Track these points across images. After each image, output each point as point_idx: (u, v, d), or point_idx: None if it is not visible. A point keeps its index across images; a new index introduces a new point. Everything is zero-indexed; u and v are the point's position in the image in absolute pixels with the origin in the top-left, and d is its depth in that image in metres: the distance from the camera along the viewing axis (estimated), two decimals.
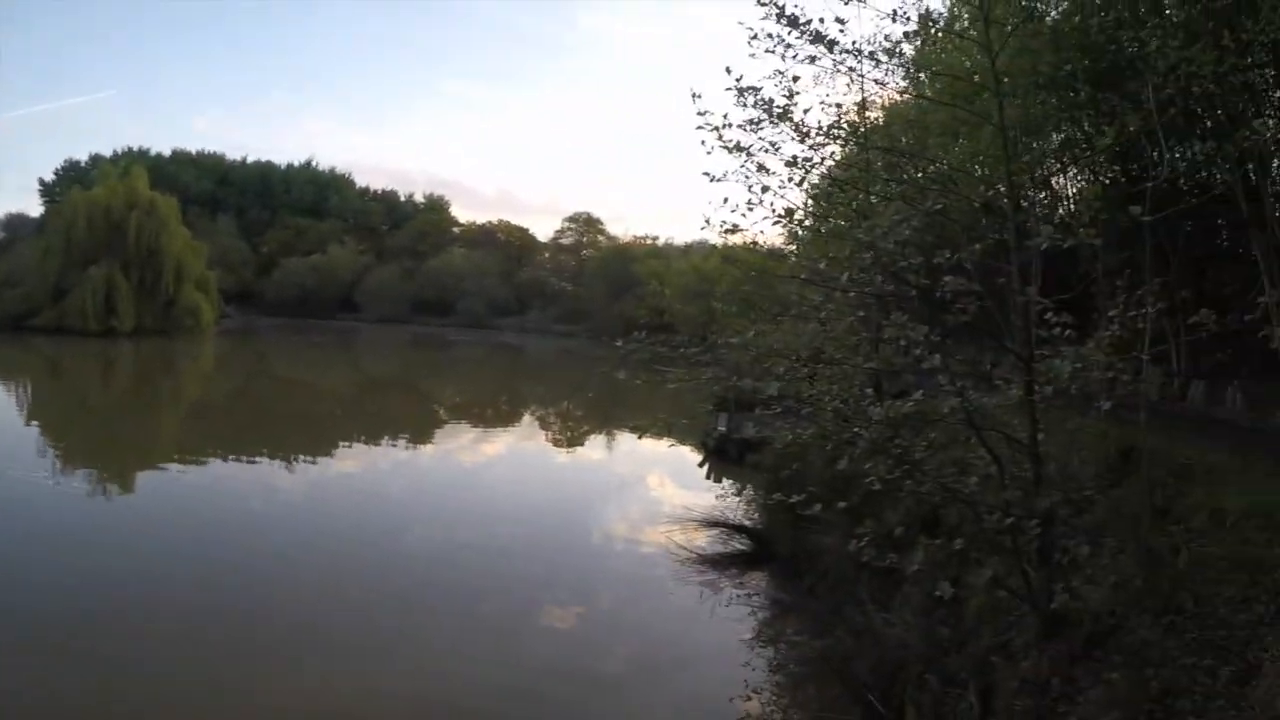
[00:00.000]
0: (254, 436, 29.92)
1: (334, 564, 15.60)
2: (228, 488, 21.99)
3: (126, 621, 12.54)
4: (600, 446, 30.22)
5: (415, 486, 23.14)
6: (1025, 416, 7.80)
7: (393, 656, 11.70)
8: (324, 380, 51.31)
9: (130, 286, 64.69)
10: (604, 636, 12.75)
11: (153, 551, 15.99)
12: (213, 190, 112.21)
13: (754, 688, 10.52)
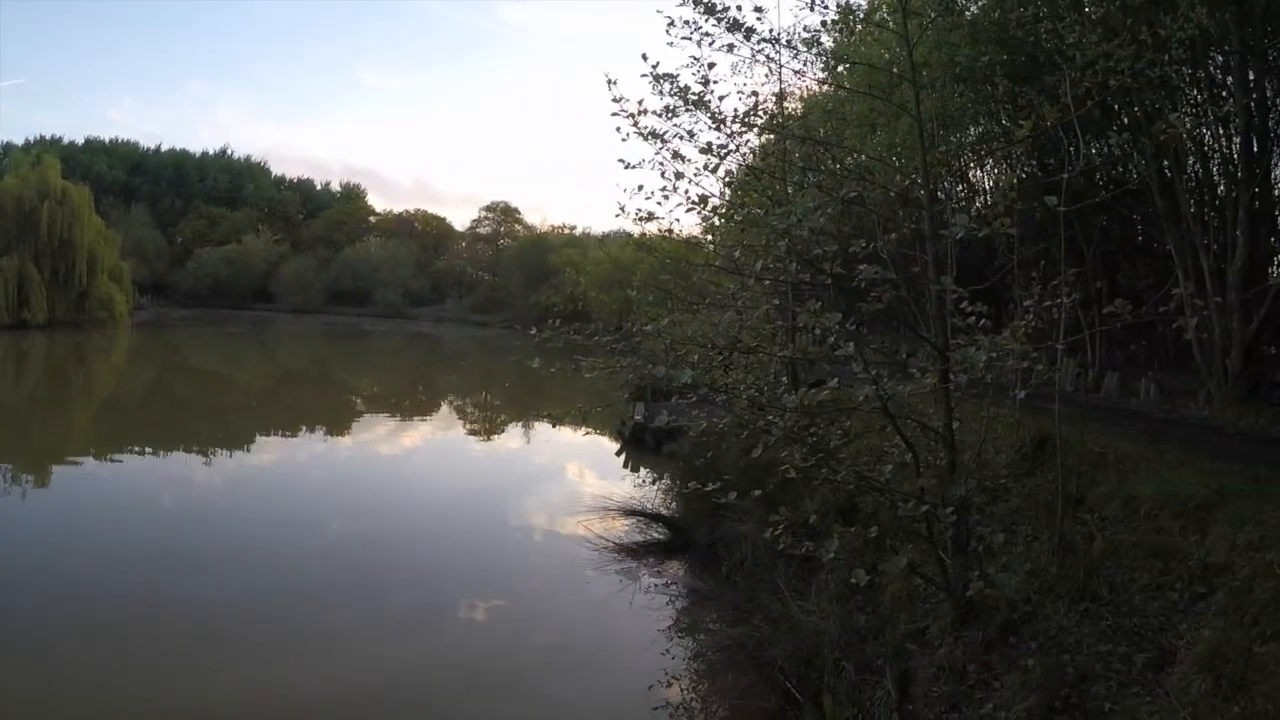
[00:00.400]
0: (169, 430, 29.36)
1: (246, 558, 15.30)
2: (142, 482, 21.55)
3: (32, 617, 12.26)
4: (518, 436, 30.10)
5: (333, 478, 22.80)
6: (940, 405, 7.86)
7: (300, 652, 11.54)
8: (239, 372, 50.49)
9: (42, 278, 63.23)
10: (522, 628, 12.57)
11: (62, 547, 15.64)
12: (126, 179, 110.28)
13: (673, 675, 10.49)
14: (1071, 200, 8.11)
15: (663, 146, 10.44)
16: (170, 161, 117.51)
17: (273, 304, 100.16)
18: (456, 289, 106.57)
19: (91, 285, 66.33)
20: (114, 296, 68.12)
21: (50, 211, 64.24)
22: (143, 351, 60.58)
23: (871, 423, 9.09)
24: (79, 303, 65.68)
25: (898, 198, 10.65)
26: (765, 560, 11.62)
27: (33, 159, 71.77)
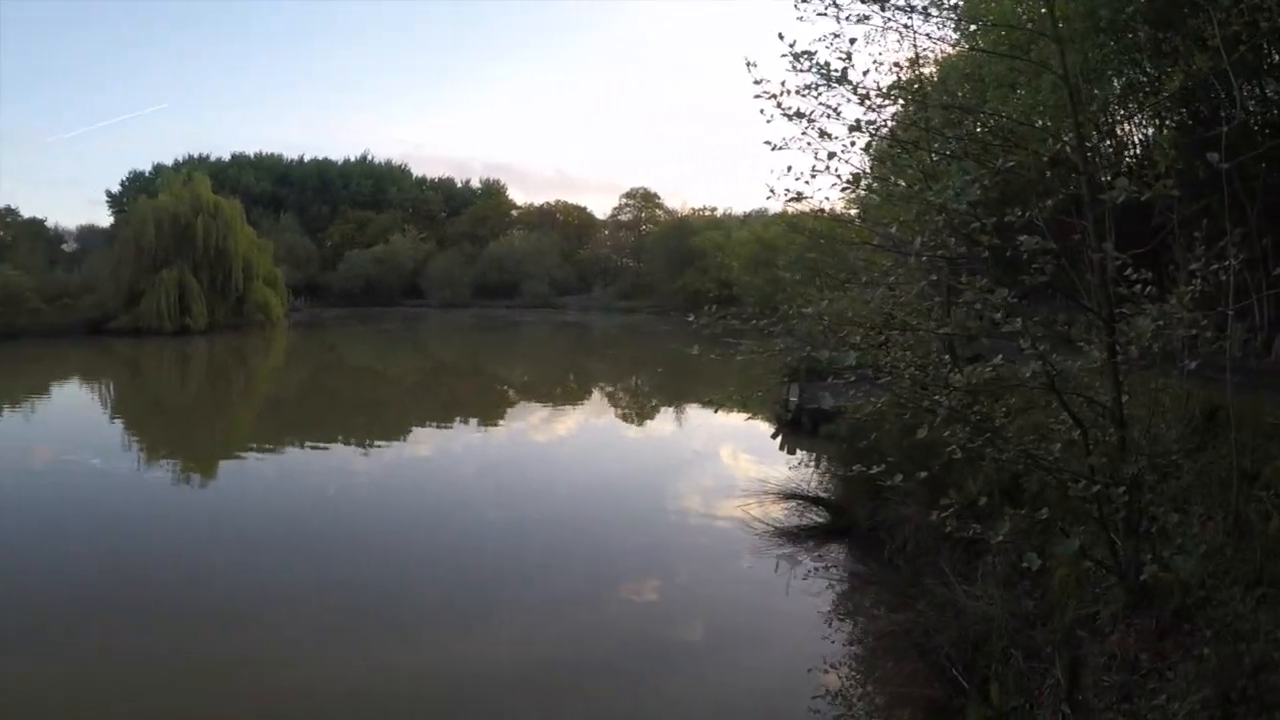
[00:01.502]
0: (328, 424, 30.52)
1: (410, 545, 15.86)
2: (303, 475, 22.45)
3: (210, 600, 13.02)
4: (671, 421, 30.05)
5: (487, 466, 23.15)
6: (1108, 379, 7.50)
7: (470, 632, 11.87)
8: (392, 367, 51.93)
9: (201, 286, 66.73)
10: (678, 611, 12.60)
11: (232, 536, 16.53)
12: (273, 190, 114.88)
13: (832, 661, 10.31)
14: (1230, 153, 7.63)
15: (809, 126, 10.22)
16: (314, 170, 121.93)
17: (422, 300, 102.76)
18: (602, 277, 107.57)
19: (248, 291, 69.78)
20: (270, 300, 71.42)
21: (204, 224, 68.07)
22: (299, 351, 63.06)
23: (1034, 399, 8.75)
24: (237, 307, 69.22)
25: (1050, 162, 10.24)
26: (929, 543, 11.32)
27: (184, 177, 75.80)
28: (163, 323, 64.69)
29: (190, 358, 55.46)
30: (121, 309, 67.28)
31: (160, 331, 63.90)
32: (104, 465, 23.81)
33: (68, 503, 19.48)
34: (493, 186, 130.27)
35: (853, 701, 9.67)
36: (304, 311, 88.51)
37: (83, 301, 70.06)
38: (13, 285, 67.35)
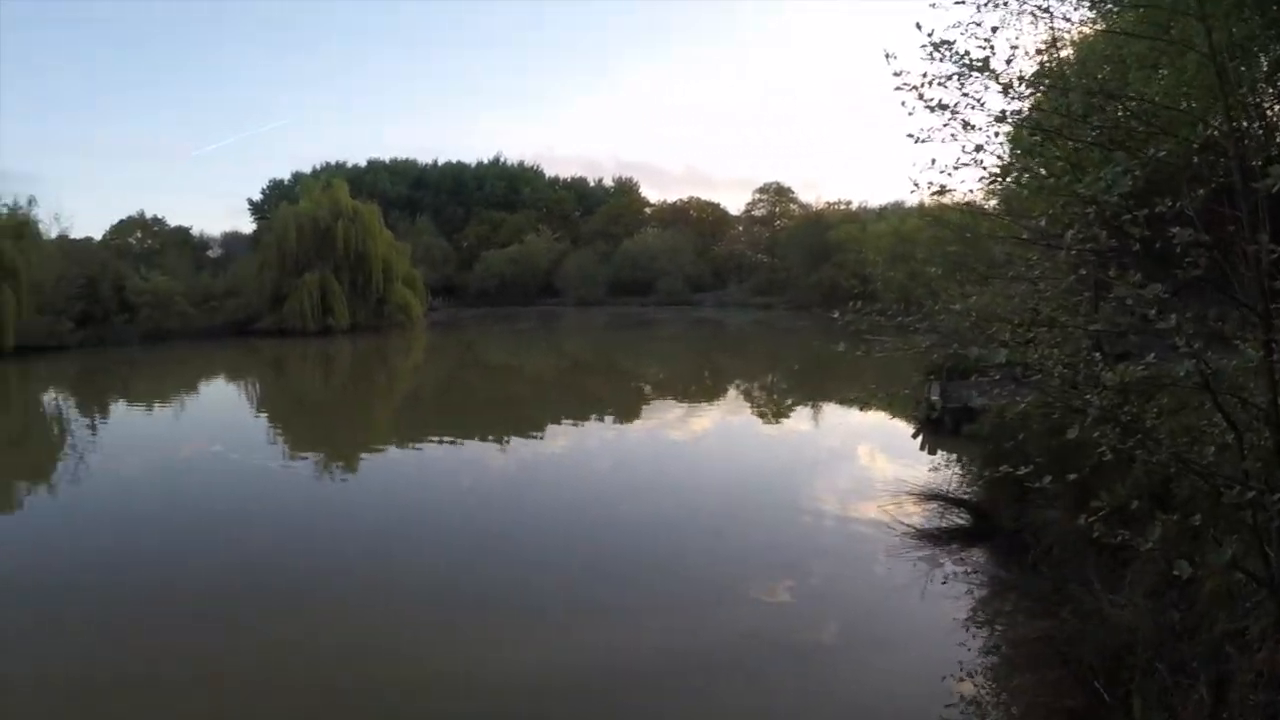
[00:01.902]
0: (465, 420, 31.33)
1: (544, 539, 16.13)
2: (441, 469, 23.10)
3: (346, 589, 13.71)
4: (807, 419, 29.69)
5: (623, 463, 23.38)
6: (1263, 379, 7.09)
7: (602, 626, 11.99)
8: (529, 364, 52.74)
9: (343, 288, 69.34)
10: (811, 611, 12.43)
11: (370, 528, 17.24)
12: (409, 194, 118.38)
13: (968, 668, 10.04)
14: None
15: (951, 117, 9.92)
16: (448, 173, 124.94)
17: (558, 299, 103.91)
18: (736, 273, 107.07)
19: (388, 292, 72.26)
20: (409, 301, 73.95)
21: (344, 229, 71.15)
22: (438, 349, 64.84)
23: (1186, 399, 8.34)
24: (378, 308, 71.81)
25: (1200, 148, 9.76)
26: (1074, 549, 10.86)
27: (323, 183, 79.51)
28: (306, 323, 67.47)
29: (332, 357, 57.72)
30: (266, 311, 70.49)
31: (304, 332, 66.74)
32: (246, 459, 25.02)
33: (214, 496, 20.54)
34: (625, 185, 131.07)
35: (987, 710, 9.41)
36: (442, 311, 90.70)
37: (228, 304, 73.48)
38: (162, 290, 70.75)
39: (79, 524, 18.92)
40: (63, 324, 64.36)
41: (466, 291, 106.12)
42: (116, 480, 23.40)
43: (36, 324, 62.03)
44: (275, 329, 68.97)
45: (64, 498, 21.77)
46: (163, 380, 49.71)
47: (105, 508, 20.36)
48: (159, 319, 70.19)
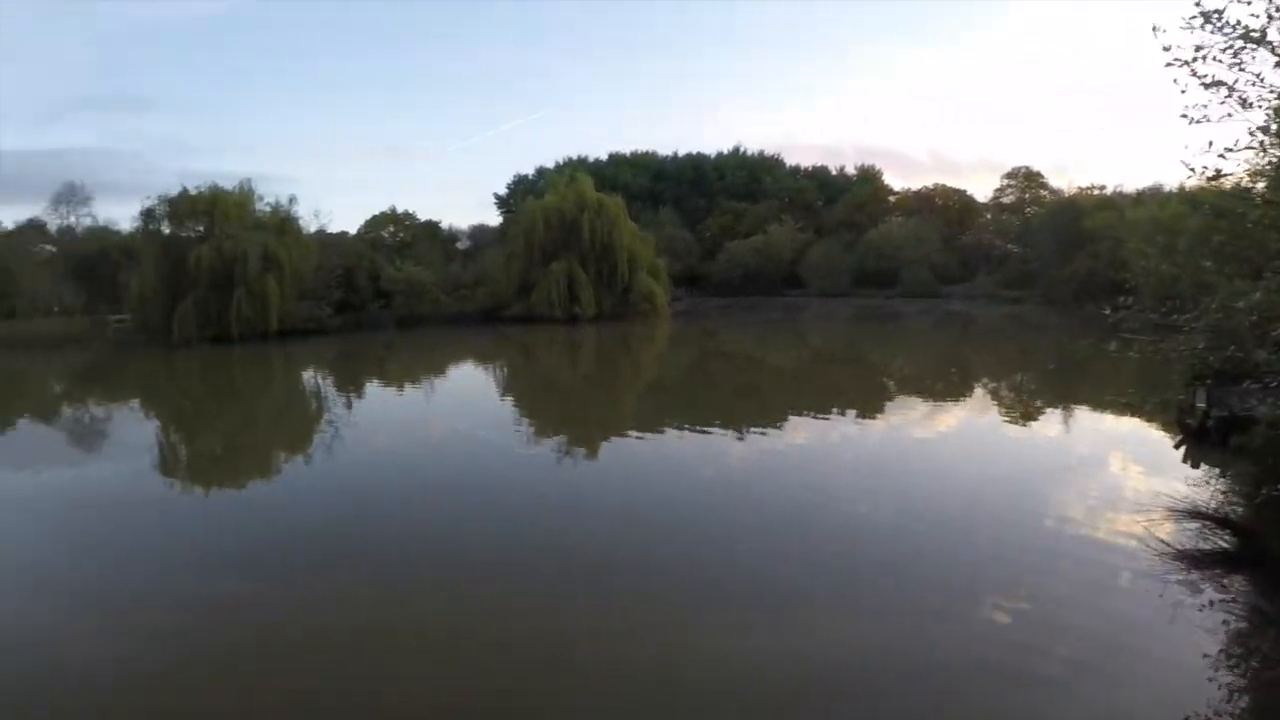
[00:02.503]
0: (707, 408, 32.08)
1: (778, 530, 16.30)
2: (681, 456, 23.58)
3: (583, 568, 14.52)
4: (1056, 422, 28.40)
5: (863, 460, 23.10)
6: None
7: (814, 625, 11.99)
8: (771, 355, 53.03)
9: (589, 278, 71.70)
10: (1043, 631, 11.68)
11: (610, 510, 18.11)
12: (651, 186, 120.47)
13: (1215, 709, 9.41)
14: None
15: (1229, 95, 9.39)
16: (688, 165, 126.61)
17: (801, 289, 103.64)
18: (985, 264, 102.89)
19: (633, 281, 74.91)
20: (654, 290, 76.27)
21: (590, 220, 74.51)
22: (681, 338, 65.45)
23: None
24: (623, 297, 74.50)
25: None
26: None
27: (567, 178, 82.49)
28: (553, 311, 70.82)
29: (578, 343, 60.07)
30: (514, 299, 74.43)
31: (551, 319, 69.81)
32: (492, 440, 26.76)
33: (460, 472, 22.32)
34: (868, 173, 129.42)
35: None
36: (685, 301, 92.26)
37: (478, 293, 78.07)
38: (415, 279, 75.71)
39: (329, 493, 20.85)
40: (322, 309, 70.56)
41: (709, 282, 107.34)
42: (368, 454, 25.46)
43: (298, 309, 68.80)
44: (522, 316, 72.14)
45: (318, 468, 23.90)
46: (414, 363, 53.14)
47: (355, 478, 22.28)
48: (412, 306, 75.45)
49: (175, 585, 14.51)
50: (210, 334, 67.12)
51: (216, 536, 17.54)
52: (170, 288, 69.66)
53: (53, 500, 21.88)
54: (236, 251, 68.16)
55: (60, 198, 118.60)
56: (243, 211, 72.14)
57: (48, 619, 13.28)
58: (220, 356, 60.03)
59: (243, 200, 73.04)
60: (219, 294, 68.32)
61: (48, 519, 19.85)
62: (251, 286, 67.94)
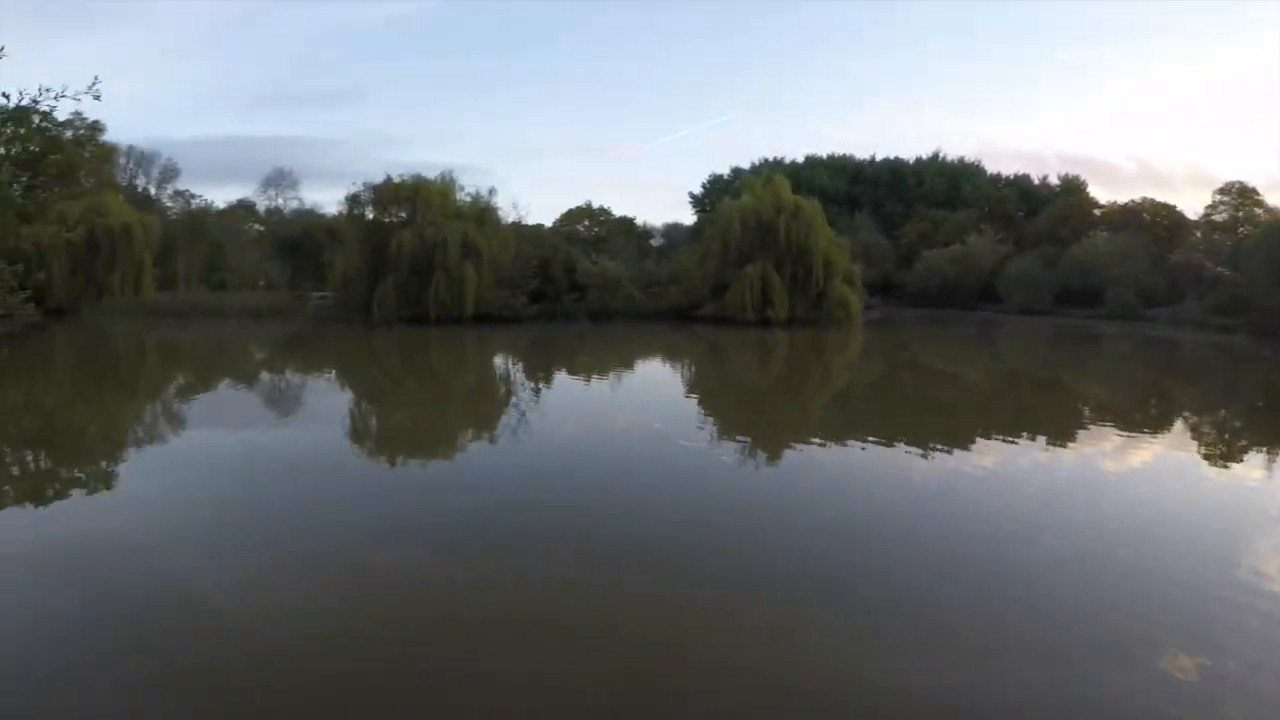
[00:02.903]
0: (892, 423, 31.95)
1: (951, 556, 16.16)
2: (861, 470, 23.70)
3: (757, 577, 14.70)
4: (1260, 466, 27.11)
5: (1050, 489, 22.39)
6: None
7: (973, 668, 11.55)
8: (964, 372, 52.46)
9: (783, 281, 72.26)
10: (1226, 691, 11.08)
11: (781, 519, 18.44)
12: (847, 190, 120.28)
13: None
14: None
15: None
16: (886, 170, 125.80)
17: (999, 304, 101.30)
18: (1194, 287, 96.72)
19: (828, 287, 75.31)
20: (848, 297, 76.80)
21: (786, 223, 75.46)
22: (873, 348, 64.89)
23: None
24: (817, 302, 75.39)
25: None
26: None
27: (764, 179, 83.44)
28: (745, 313, 71.75)
29: (769, 347, 60.80)
30: (707, 298, 75.89)
31: (743, 321, 70.90)
32: (674, 436, 27.59)
33: (639, 466, 23.37)
34: (1072, 183, 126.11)
35: None
36: (879, 310, 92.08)
37: (671, 290, 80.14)
38: (609, 274, 78.23)
39: (510, 477, 22.00)
40: (518, 298, 74.18)
41: (904, 291, 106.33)
42: (551, 442, 26.63)
43: (494, 297, 72.55)
44: (714, 317, 73.34)
45: (502, 451, 25.23)
46: (604, 355, 55.15)
47: (537, 464, 23.34)
48: (606, 300, 78.03)
49: (350, 553, 15.58)
50: (408, 315, 71.98)
51: (397, 510, 18.82)
52: (371, 269, 74.81)
53: (243, 461, 23.97)
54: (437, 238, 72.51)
55: (269, 181, 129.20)
56: (444, 200, 76.49)
57: (221, 576, 14.42)
58: (416, 337, 64.04)
59: (445, 190, 77.34)
60: (418, 278, 72.83)
61: (237, 479, 21.76)
62: (450, 272, 72.07)
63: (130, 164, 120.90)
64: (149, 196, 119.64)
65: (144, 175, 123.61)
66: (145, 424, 31.65)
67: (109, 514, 18.78)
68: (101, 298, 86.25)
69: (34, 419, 32.09)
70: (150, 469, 23.39)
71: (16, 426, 30.36)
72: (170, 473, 22.72)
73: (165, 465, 23.83)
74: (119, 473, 22.97)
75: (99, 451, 26.37)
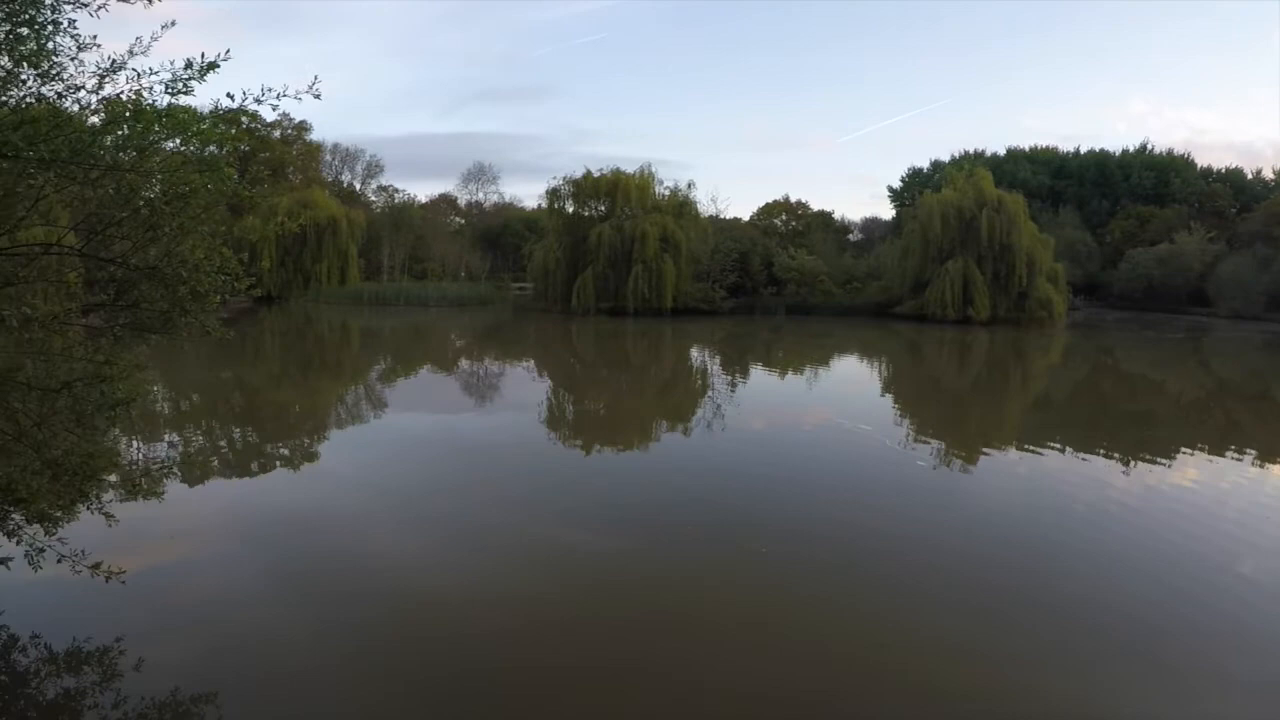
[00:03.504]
0: (1092, 432, 31.33)
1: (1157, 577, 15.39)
2: (1056, 480, 23.22)
3: (938, 585, 14.52)
4: None
5: (1254, 510, 20.89)
6: None
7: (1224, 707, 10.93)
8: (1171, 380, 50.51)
9: (984, 279, 71.27)
10: None
11: (967, 528, 18.22)
12: (1050, 184, 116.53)
13: None
14: None
15: None
16: (1091, 163, 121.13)
17: (1208, 308, 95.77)
18: None
19: (1030, 286, 74.53)
20: (1051, 297, 75.36)
21: (988, 219, 74.27)
22: (1075, 351, 62.87)
23: None
24: (1018, 302, 74.67)
25: None
26: None
27: (965, 172, 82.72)
28: (945, 311, 71.53)
29: (969, 346, 60.24)
30: (906, 295, 76.14)
31: (942, 320, 71.05)
32: (868, 436, 27.93)
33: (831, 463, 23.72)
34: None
35: None
36: (1082, 311, 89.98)
37: (870, 287, 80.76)
38: (808, 268, 79.18)
39: (700, 470, 22.78)
40: (716, 291, 75.61)
41: (1108, 291, 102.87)
42: (743, 435, 27.51)
43: (692, 290, 74.28)
44: (914, 314, 73.37)
45: (695, 443, 26.26)
46: (800, 351, 56.56)
47: (728, 458, 24.11)
48: (804, 295, 79.26)
49: (533, 533, 16.50)
50: (606, 306, 74.54)
51: (586, 494, 19.94)
52: (570, 261, 78.18)
53: (440, 442, 25.98)
54: (635, 231, 75.13)
55: (470, 175, 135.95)
56: (643, 194, 79.01)
57: (413, 552, 15.36)
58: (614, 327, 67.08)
59: (643, 183, 79.70)
60: (616, 270, 75.73)
61: (433, 460, 23.61)
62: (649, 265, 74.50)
63: (336, 161, 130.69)
64: (354, 191, 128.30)
65: (349, 171, 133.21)
66: (347, 404, 34.52)
67: (309, 488, 20.69)
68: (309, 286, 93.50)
69: (242, 397, 35.46)
70: (350, 447, 25.50)
71: (226, 403, 33.57)
72: (369, 451, 24.81)
73: (364, 444, 25.98)
74: (320, 450, 25.01)
75: (301, 429, 28.97)
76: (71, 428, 10.04)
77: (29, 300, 8.90)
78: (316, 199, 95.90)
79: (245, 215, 60.24)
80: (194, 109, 9.23)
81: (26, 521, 10.14)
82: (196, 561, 14.77)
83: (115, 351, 10.06)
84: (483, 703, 9.95)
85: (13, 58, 7.99)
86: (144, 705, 9.52)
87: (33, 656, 10.71)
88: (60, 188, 9.16)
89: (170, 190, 9.20)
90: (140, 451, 23.39)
